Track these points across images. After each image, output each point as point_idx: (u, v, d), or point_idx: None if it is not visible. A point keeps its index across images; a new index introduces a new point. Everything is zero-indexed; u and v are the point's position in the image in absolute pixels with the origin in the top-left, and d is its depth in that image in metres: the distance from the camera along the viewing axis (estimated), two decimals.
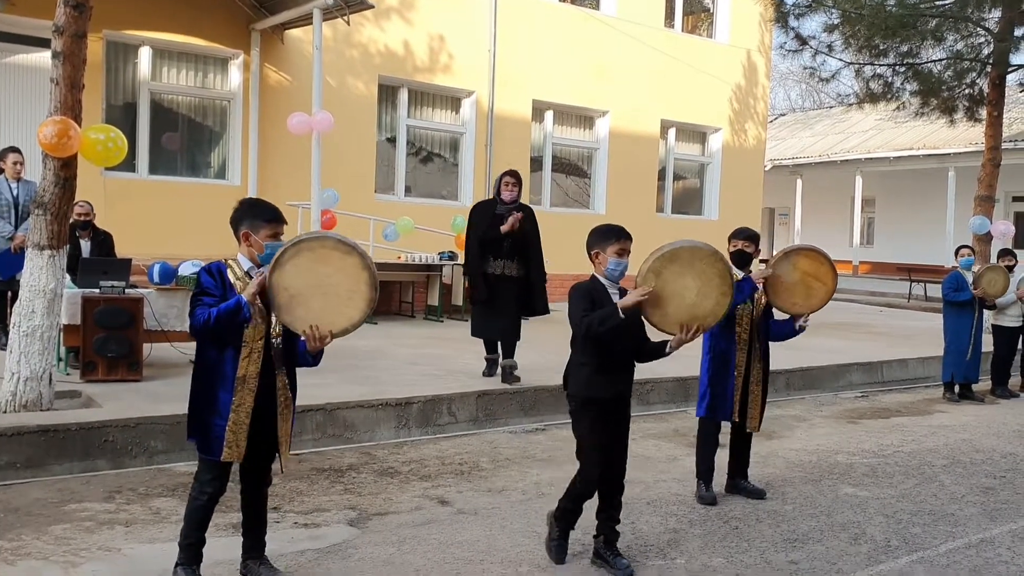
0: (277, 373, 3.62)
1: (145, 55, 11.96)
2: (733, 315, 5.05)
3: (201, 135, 12.74)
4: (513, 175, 7.64)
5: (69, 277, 6.72)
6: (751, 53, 18.29)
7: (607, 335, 3.97)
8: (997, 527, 4.95)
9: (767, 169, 21.21)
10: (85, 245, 8.27)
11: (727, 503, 5.18)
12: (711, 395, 5.25)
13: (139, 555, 4.06)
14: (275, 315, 3.52)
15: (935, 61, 14.78)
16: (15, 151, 8.26)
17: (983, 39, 14.22)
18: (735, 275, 4.39)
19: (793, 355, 9.49)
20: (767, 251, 27.14)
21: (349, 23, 12.09)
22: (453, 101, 14.78)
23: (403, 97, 14.17)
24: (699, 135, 18.14)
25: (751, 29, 18.18)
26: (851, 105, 20.08)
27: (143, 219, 11.14)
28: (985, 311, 9.17)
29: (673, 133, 17.54)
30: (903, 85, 15.04)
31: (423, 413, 6.78)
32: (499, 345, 7.76)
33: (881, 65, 14.94)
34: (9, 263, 7.89)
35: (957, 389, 9.10)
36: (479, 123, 14.70)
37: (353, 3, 11.19)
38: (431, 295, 12.64)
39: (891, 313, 17.59)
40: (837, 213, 27.50)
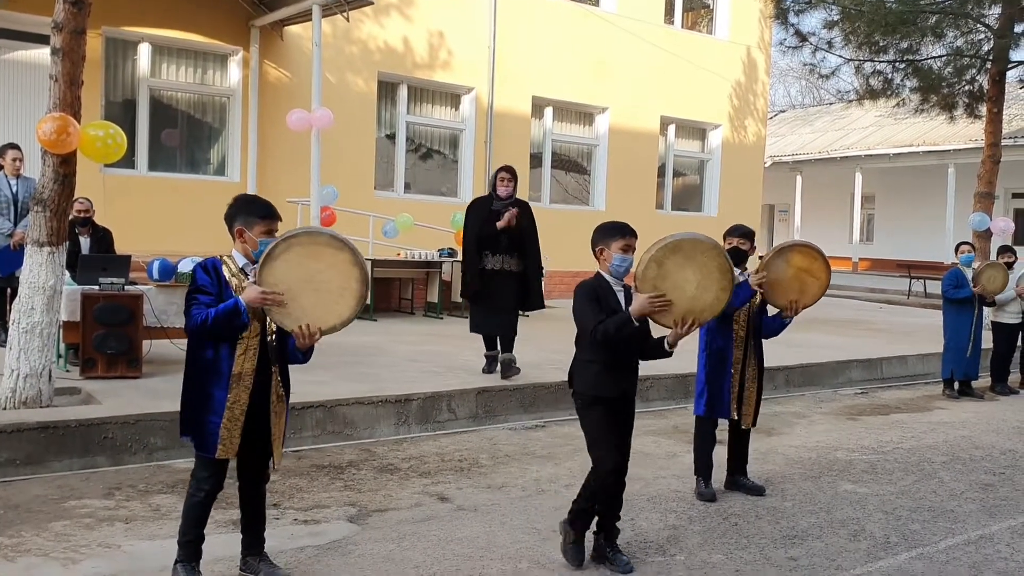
0: (272, 370, 3.62)
1: (144, 52, 11.95)
2: (730, 312, 5.04)
3: (200, 132, 12.74)
4: (508, 171, 7.67)
5: (69, 274, 6.71)
6: (751, 49, 18.28)
7: (623, 342, 3.96)
8: (996, 523, 4.96)
9: (767, 166, 21.22)
10: (84, 242, 8.26)
11: (726, 500, 5.18)
12: (708, 393, 5.25)
13: (139, 552, 4.06)
14: (267, 312, 3.50)
15: (935, 58, 14.79)
16: (14, 148, 8.25)
17: (983, 35, 14.22)
18: (736, 276, 4.34)
19: (793, 352, 9.50)
20: (766, 248, 27.11)
21: (348, 19, 12.08)
22: (453, 97, 14.77)
23: (403, 94, 14.16)
24: (699, 131, 18.13)
25: (751, 25, 18.17)
26: (851, 102, 20.12)
27: (142, 216, 11.15)
28: (985, 308, 9.17)
29: (673, 129, 17.53)
30: (903, 82, 15.05)
31: (423, 410, 6.79)
32: (498, 341, 7.78)
33: (881, 62, 14.94)
34: (9, 260, 7.89)
35: (957, 386, 9.09)
36: (479, 119, 14.69)
37: None
38: (431, 292, 12.64)
39: (891, 310, 17.58)
40: (837, 210, 27.51)
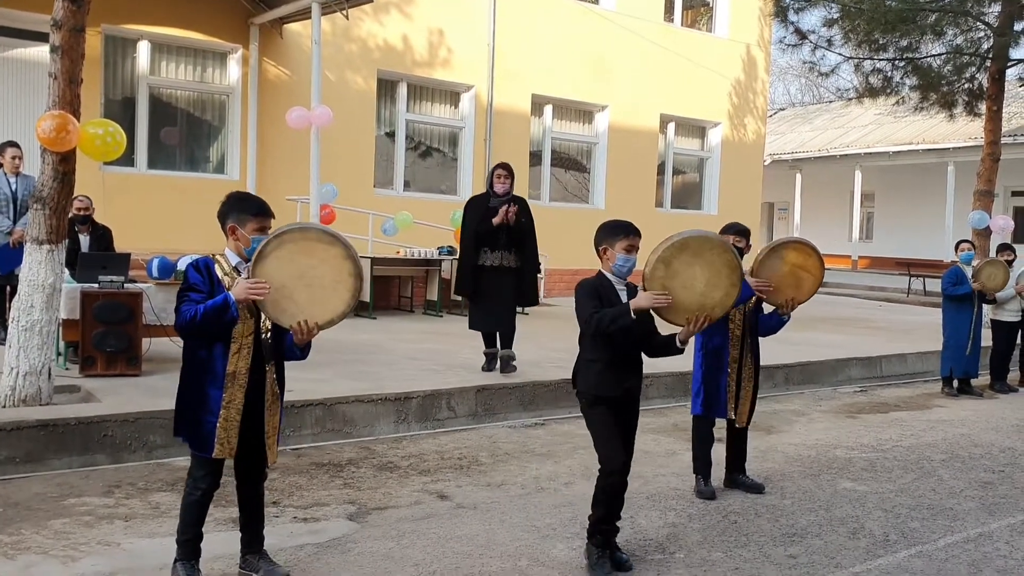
0: (267, 368, 3.61)
1: (144, 49, 11.94)
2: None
3: (200, 130, 12.73)
4: (505, 167, 7.73)
5: (68, 272, 6.71)
6: (751, 47, 18.28)
7: (617, 334, 3.93)
8: (995, 521, 4.96)
9: (766, 164, 21.22)
10: (84, 240, 8.25)
11: (726, 498, 5.18)
12: (705, 392, 5.25)
13: (138, 549, 4.06)
14: (261, 310, 3.49)
15: (935, 56, 14.78)
16: (14, 146, 8.25)
17: (983, 34, 14.21)
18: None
19: (792, 350, 9.50)
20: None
21: (348, 17, 12.07)
22: (452, 96, 14.77)
23: (402, 91, 14.15)
24: (698, 130, 18.13)
25: (751, 23, 18.16)
26: (850, 100, 20.11)
27: (142, 214, 11.14)
28: (984, 306, 9.18)
29: (672, 128, 17.53)
30: (903, 80, 15.05)
31: (422, 408, 6.79)
32: (498, 337, 7.80)
33: (881, 60, 14.94)
34: (8, 258, 7.88)
35: (956, 384, 9.10)
36: (478, 118, 14.68)
37: None
38: (430, 290, 12.64)
39: (890, 308, 17.58)
40: (836, 208, 27.50)
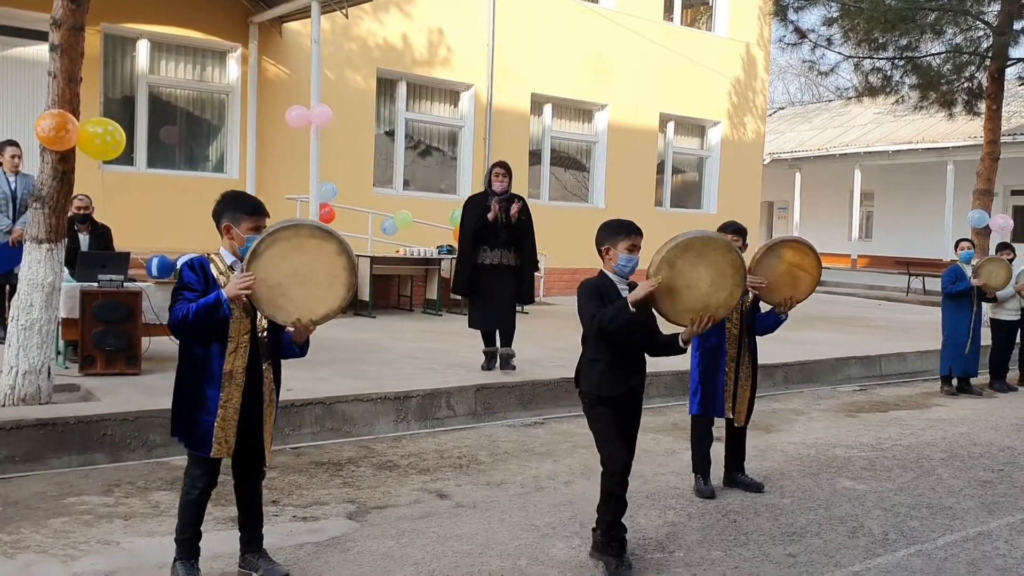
0: (264, 367, 3.61)
1: (143, 48, 11.94)
2: None
3: (199, 128, 12.73)
4: (502, 166, 7.78)
5: (67, 271, 6.71)
6: (750, 46, 18.27)
7: (619, 332, 3.91)
8: (995, 520, 4.96)
9: (766, 163, 21.22)
10: (83, 239, 8.25)
11: (725, 496, 5.19)
12: (703, 391, 5.25)
13: (138, 548, 4.06)
14: (257, 308, 3.49)
15: (934, 55, 14.78)
16: (13, 144, 8.24)
17: (982, 32, 14.21)
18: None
19: (791, 349, 9.50)
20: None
21: (348, 16, 12.06)
22: (452, 94, 14.77)
23: (402, 90, 14.15)
24: (698, 129, 18.13)
25: (750, 22, 18.16)
26: (850, 99, 20.10)
27: (141, 213, 11.14)
28: (984, 305, 9.18)
29: (672, 127, 17.52)
30: (902, 79, 15.06)
31: (422, 407, 6.78)
32: (497, 335, 7.81)
33: (880, 58, 14.94)
34: (7, 257, 7.88)
35: (955, 383, 9.10)
36: (478, 116, 14.68)
37: None
38: (430, 289, 12.64)
39: (889, 307, 17.59)
40: (836, 207, 27.51)
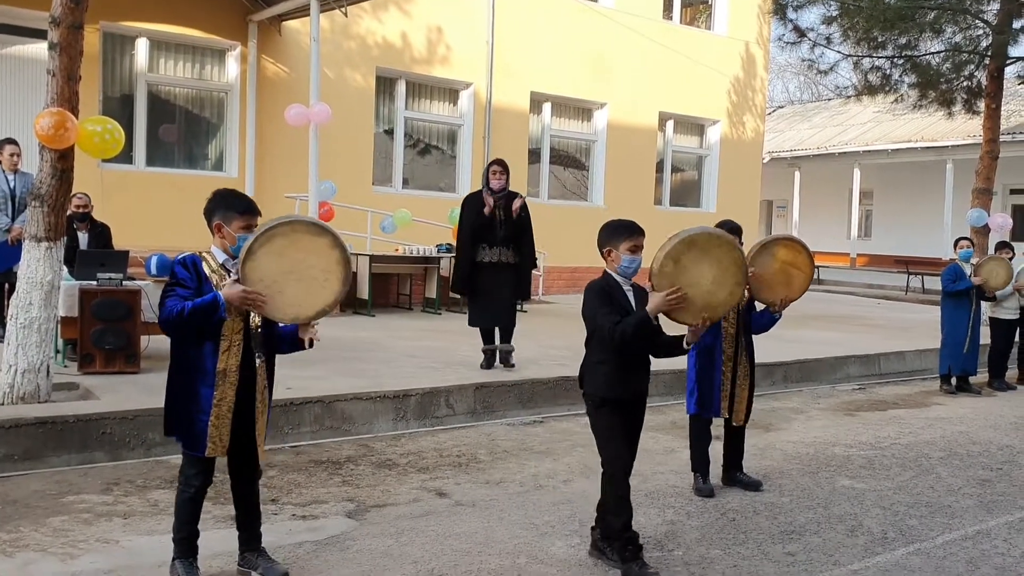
0: (257, 364, 3.60)
1: (142, 47, 11.93)
2: None
3: (198, 127, 12.72)
4: (499, 163, 7.82)
5: (66, 269, 6.71)
6: (749, 45, 18.27)
7: (641, 341, 3.89)
8: (993, 519, 4.97)
9: (765, 161, 21.20)
10: (83, 237, 8.25)
11: (724, 495, 5.19)
12: (699, 391, 5.24)
13: (137, 547, 4.06)
14: (253, 309, 3.48)
15: (933, 53, 14.79)
16: (12, 143, 8.23)
17: (981, 31, 14.22)
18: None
19: (790, 347, 9.51)
20: None
21: (347, 14, 12.06)
22: (451, 93, 14.76)
23: (401, 89, 14.14)
24: (697, 127, 18.13)
25: (749, 21, 18.15)
26: (849, 97, 20.10)
27: (140, 211, 11.13)
28: (983, 303, 9.18)
29: (671, 125, 17.52)
30: (901, 77, 15.06)
31: (421, 405, 6.78)
32: (496, 333, 7.82)
33: (879, 57, 14.95)
34: (6, 255, 7.87)
35: (954, 381, 9.11)
36: (477, 115, 14.68)
37: None
38: (429, 287, 12.64)
39: (888, 306, 17.59)
40: (835, 205, 27.49)
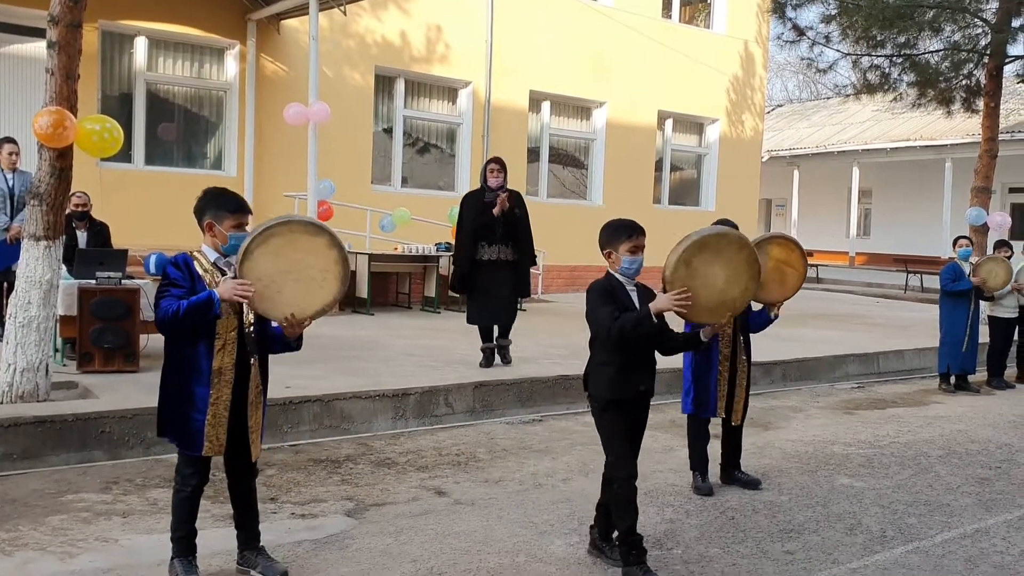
0: (251, 363, 3.60)
1: (141, 45, 11.92)
2: None
3: (197, 126, 12.71)
4: (497, 162, 7.83)
5: (65, 268, 6.71)
6: (748, 44, 18.27)
7: (640, 339, 3.85)
8: (992, 517, 4.97)
9: (764, 160, 21.20)
10: (81, 236, 8.25)
11: (723, 494, 5.19)
12: (695, 391, 5.23)
13: (136, 546, 4.06)
14: (249, 306, 3.48)
15: (932, 52, 14.78)
16: (10, 141, 8.23)
17: (980, 30, 14.22)
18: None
19: (789, 346, 9.52)
20: None
21: (345, 13, 12.05)
22: (450, 92, 14.76)
23: (400, 88, 14.13)
24: (696, 126, 18.12)
25: (748, 20, 18.15)
26: (848, 96, 20.07)
27: (139, 210, 11.12)
28: (981, 302, 9.18)
29: (670, 124, 17.52)
30: (900, 76, 15.05)
31: (420, 404, 6.78)
32: (495, 331, 7.83)
33: (878, 56, 14.94)
34: (5, 254, 7.87)
35: (953, 380, 9.11)
36: (476, 114, 14.67)
37: None
38: (428, 286, 12.64)
39: (887, 304, 17.60)
40: (834, 204, 27.51)
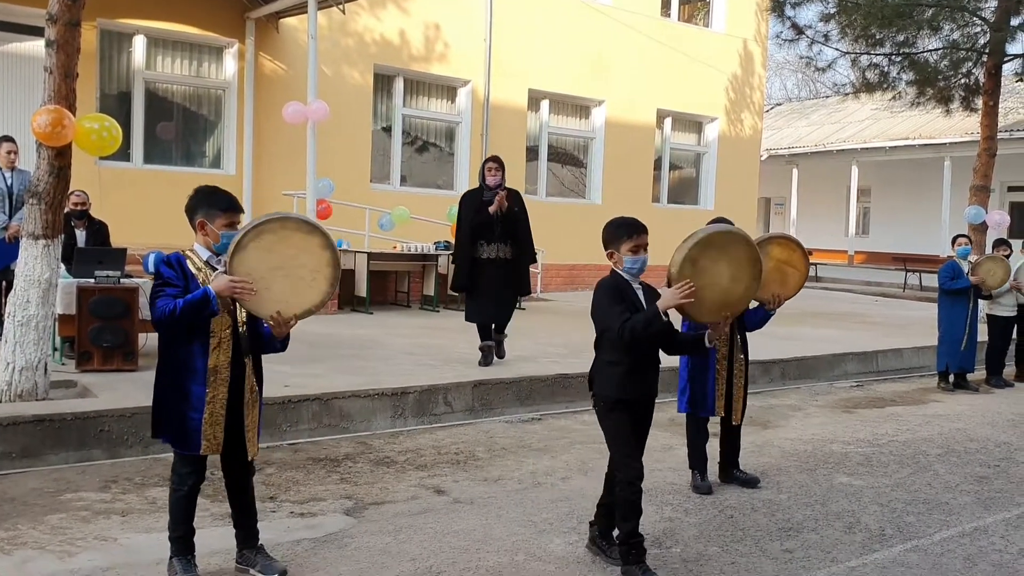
0: (245, 362, 3.61)
1: (139, 44, 11.91)
2: None
3: (196, 124, 12.70)
4: (495, 160, 7.84)
5: (64, 267, 6.70)
6: (747, 42, 18.27)
7: (650, 339, 3.83)
8: (991, 516, 4.98)
9: (763, 159, 21.21)
10: (80, 235, 8.24)
11: (722, 492, 5.19)
12: (691, 390, 5.22)
13: (135, 544, 4.06)
14: (238, 301, 3.48)
15: (931, 51, 14.77)
16: (9, 140, 8.22)
17: (979, 28, 14.21)
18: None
19: (788, 345, 9.52)
20: None
21: (344, 12, 12.04)
22: (449, 90, 14.75)
23: (399, 86, 14.13)
24: (695, 125, 18.13)
25: (747, 18, 18.15)
26: (847, 95, 20.06)
27: (138, 209, 11.11)
28: (980, 301, 9.19)
29: (669, 122, 17.52)
30: (899, 75, 15.05)
31: (419, 403, 6.79)
32: (493, 329, 7.85)
33: (877, 55, 14.94)
34: (4, 253, 7.86)
35: (952, 379, 9.11)
36: (475, 112, 14.67)
37: None
38: (427, 285, 12.64)
39: (886, 303, 17.61)
40: (833, 203, 27.50)
